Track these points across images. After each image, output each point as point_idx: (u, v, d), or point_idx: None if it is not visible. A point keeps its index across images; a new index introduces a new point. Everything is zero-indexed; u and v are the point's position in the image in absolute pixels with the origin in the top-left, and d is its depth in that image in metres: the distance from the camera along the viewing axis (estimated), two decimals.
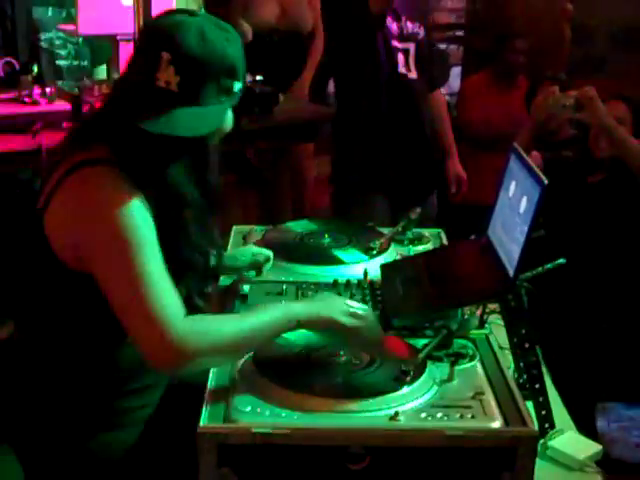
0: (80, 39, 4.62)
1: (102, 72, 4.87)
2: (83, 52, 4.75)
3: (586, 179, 3.48)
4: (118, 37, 3.84)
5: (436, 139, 3.95)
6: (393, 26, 3.70)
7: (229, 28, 1.87)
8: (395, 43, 3.70)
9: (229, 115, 1.90)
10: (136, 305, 1.68)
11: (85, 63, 4.77)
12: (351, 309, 1.87)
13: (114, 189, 1.74)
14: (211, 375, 1.83)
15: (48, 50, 4.61)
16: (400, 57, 3.70)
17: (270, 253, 2.35)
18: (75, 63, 4.72)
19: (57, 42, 4.64)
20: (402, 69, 3.71)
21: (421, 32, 3.79)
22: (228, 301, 2.22)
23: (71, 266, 1.79)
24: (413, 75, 3.75)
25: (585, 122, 3.41)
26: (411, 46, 3.73)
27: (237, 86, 1.85)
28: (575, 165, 3.51)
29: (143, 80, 1.78)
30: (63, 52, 4.67)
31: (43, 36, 4.58)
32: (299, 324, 1.82)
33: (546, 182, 1.87)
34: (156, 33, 1.82)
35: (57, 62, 4.64)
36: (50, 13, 4.61)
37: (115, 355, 1.88)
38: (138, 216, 1.74)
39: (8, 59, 3.91)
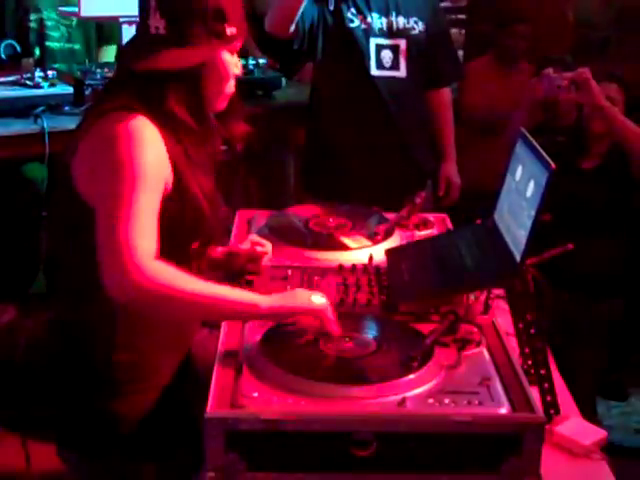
0: (74, 21, 4.58)
1: (104, 55, 4.84)
2: (75, 35, 4.70)
3: (579, 164, 3.48)
4: (121, 19, 3.81)
5: (424, 147, 3.72)
6: (377, 22, 3.45)
7: None
8: (378, 40, 3.45)
9: (228, 57, 1.97)
10: (111, 232, 1.75)
11: (78, 47, 4.73)
12: (313, 298, 1.91)
13: (130, 127, 1.83)
14: (218, 360, 1.83)
15: (37, 31, 4.56)
16: (385, 54, 3.46)
17: (269, 247, 2.33)
18: (67, 46, 4.68)
19: (49, 23, 4.59)
20: (385, 67, 3.46)
21: (417, 27, 3.51)
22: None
23: (89, 202, 1.85)
24: (400, 74, 3.50)
25: (580, 103, 3.43)
26: (401, 42, 3.48)
27: (230, 30, 1.93)
28: (569, 150, 3.51)
29: (141, 30, 1.95)
30: (55, 34, 4.62)
31: (33, 16, 4.54)
32: (260, 313, 1.86)
33: (553, 166, 1.87)
34: None
35: (47, 44, 4.59)
36: None
37: None
38: (148, 155, 1.82)
39: (9, 41, 3.89)
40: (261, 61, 4.05)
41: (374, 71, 3.45)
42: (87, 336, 1.96)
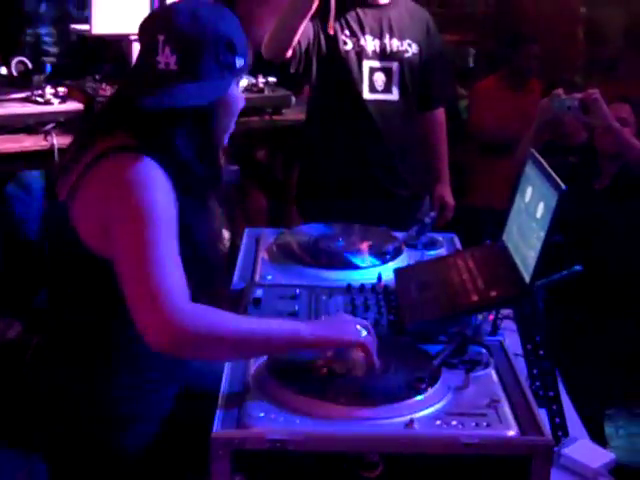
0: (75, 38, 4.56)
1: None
2: (75, 51, 4.68)
3: (592, 185, 3.48)
4: (131, 37, 3.82)
5: (416, 169, 3.66)
6: (370, 45, 3.41)
7: (224, 9, 1.94)
8: (371, 63, 3.43)
9: (236, 92, 1.96)
10: (142, 282, 1.72)
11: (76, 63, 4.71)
12: (359, 328, 1.86)
13: (139, 172, 1.80)
14: (225, 381, 1.82)
15: (34, 45, 4.56)
16: (378, 77, 3.44)
17: None
18: (63, 62, 4.66)
19: (46, 39, 4.58)
20: (378, 90, 3.43)
21: (411, 49, 3.48)
22: (241, 305, 2.21)
23: (97, 253, 1.83)
24: (393, 97, 3.47)
25: (590, 124, 3.43)
26: (394, 65, 3.45)
27: (239, 62, 1.91)
28: (580, 170, 3.51)
29: (146, 65, 1.88)
30: (52, 50, 4.61)
31: (30, 30, 4.54)
32: (305, 342, 1.82)
33: (564, 188, 1.86)
34: (151, 19, 1.95)
35: (43, 59, 4.57)
36: (44, 8, 4.56)
37: (132, 341, 1.87)
38: (160, 199, 1.79)
39: (21, 58, 3.90)
40: (270, 79, 4.06)
41: (366, 95, 3.44)
42: (88, 371, 1.94)
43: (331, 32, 3.37)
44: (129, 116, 1.88)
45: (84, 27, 4.06)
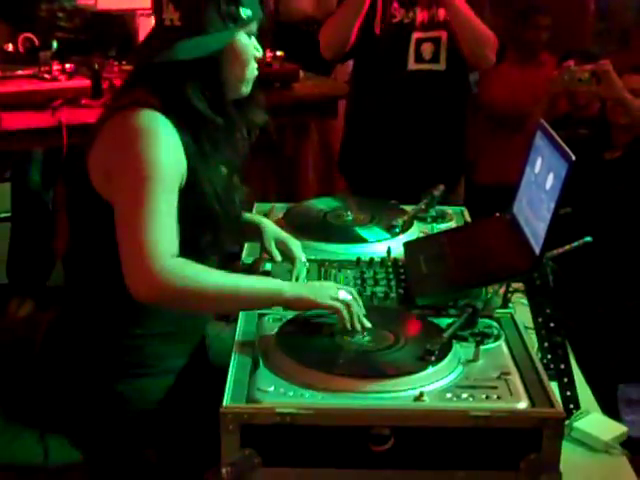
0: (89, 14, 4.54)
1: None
2: (87, 27, 4.66)
3: (603, 156, 3.46)
4: (139, 12, 3.80)
5: (464, 136, 3.76)
6: (419, 15, 3.45)
7: None
8: (418, 34, 3.46)
9: (246, 41, 1.98)
10: (132, 232, 1.78)
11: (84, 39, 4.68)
12: (338, 294, 1.90)
13: (149, 126, 1.84)
14: (234, 355, 1.82)
15: (47, 21, 4.53)
16: (426, 47, 3.47)
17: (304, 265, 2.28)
18: (77, 38, 4.64)
19: (59, 14, 4.56)
20: (425, 60, 3.49)
21: None
22: None
23: (105, 198, 1.88)
24: (440, 67, 3.51)
25: (602, 95, 3.41)
26: (443, 34, 3.46)
27: (245, 12, 1.94)
28: (591, 142, 3.49)
29: (156, 25, 1.96)
30: (66, 25, 4.58)
31: (44, 5, 4.52)
32: (284, 300, 1.87)
33: (573, 158, 1.84)
34: None
35: (57, 35, 4.56)
36: None
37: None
38: (164, 152, 1.83)
39: (27, 35, 3.88)
40: (278, 53, 4.04)
41: (412, 65, 3.48)
42: (99, 322, 1.98)
43: (377, 32, 3.46)
44: (146, 74, 1.94)
45: (90, 2, 4.04)
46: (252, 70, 2.02)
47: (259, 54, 2.02)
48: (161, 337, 1.99)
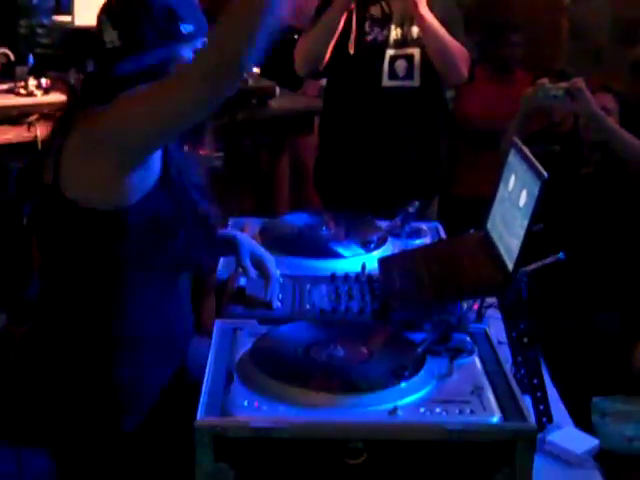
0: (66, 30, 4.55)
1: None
2: (64, 43, 4.66)
3: (578, 171, 3.50)
4: None
5: (439, 151, 3.76)
6: (392, 33, 3.47)
7: None
8: (391, 52, 3.47)
9: (189, 55, 1.98)
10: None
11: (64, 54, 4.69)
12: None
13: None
14: (208, 369, 1.81)
15: (27, 37, 4.53)
16: (399, 64, 3.49)
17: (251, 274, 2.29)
18: (54, 53, 4.64)
19: (39, 30, 4.56)
20: (399, 77, 3.51)
21: None
22: (225, 294, 2.21)
23: (80, 204, 1.89)
24: (414, 83, 3.53)
25: (576, 112, 3.46)
26: (416, 51, 3.49)
27: (186, 28, 1.96)
28: (565, 158, 3.53)
29: (98, 47, 1.98)
30: (45, 41, 4.59)
31: (23, 22, 4.52)
32: None
33: (546, 175, 1.86)
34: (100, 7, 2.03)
35: (36, 51, 4.57)
36: (35, 0, 4.54)
37: (131, 325, 1.95)
38: None
39: (3, 50, 3.88)
40: (255, 70, 4.06)
41: (386, 82, 3.50)
42: (73, 338, 1.97)
43: (351, 52, 3.47)
44: (94, 92, 1.96)
45: (67, 19, 4.05)
46: None
47: None
48: (140, 353, 1.99)
